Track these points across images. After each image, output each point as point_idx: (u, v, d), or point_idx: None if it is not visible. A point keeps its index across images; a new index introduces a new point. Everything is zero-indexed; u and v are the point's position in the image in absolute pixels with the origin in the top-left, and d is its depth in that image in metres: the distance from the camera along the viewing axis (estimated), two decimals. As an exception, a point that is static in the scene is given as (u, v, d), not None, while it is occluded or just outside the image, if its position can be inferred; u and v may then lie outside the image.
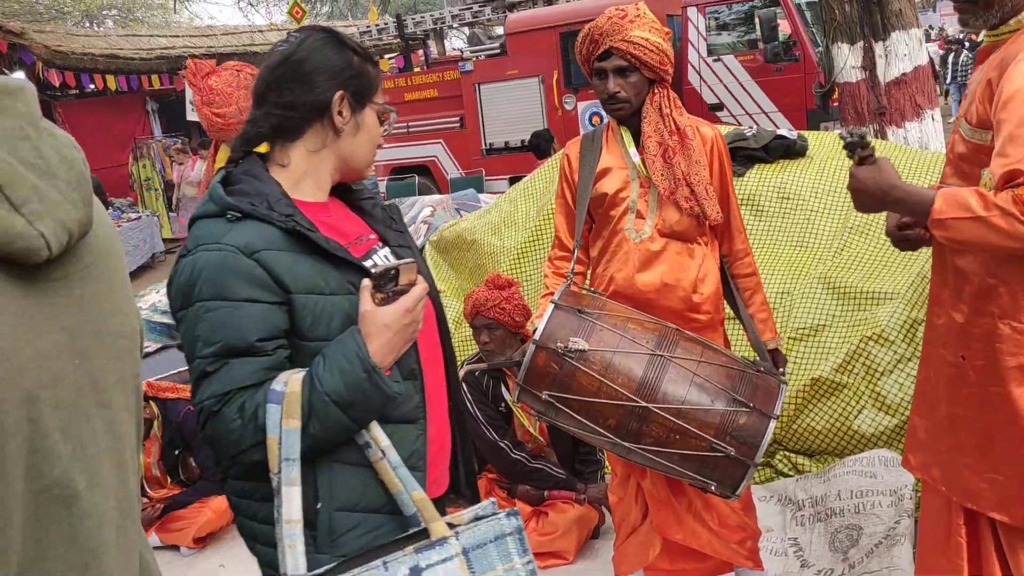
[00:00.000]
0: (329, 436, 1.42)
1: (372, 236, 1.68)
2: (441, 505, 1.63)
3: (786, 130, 4.69)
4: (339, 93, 1.55)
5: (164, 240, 12.20)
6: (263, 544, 1.51)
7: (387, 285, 1.45)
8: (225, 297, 1.40)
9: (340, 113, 1.56)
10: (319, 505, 1.44)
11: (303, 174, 1.58)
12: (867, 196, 1.85)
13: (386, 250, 1.67)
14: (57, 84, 12.38)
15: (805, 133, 4.67)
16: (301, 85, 1.54)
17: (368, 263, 1.57)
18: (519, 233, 4.72)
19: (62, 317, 0.80)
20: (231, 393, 1.40)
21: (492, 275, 3.54)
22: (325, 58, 1.56)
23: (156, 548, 3.73)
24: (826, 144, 4.51)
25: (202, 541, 3.74)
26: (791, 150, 4.41)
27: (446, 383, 1.74)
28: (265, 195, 1.49)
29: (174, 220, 12.46)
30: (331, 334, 1.46)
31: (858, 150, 1.85)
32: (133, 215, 11.02)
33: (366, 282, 1.47)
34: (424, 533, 1.44)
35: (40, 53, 11.67)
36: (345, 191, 1.71)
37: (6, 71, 11.64)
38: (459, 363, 3.45)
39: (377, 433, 1.47)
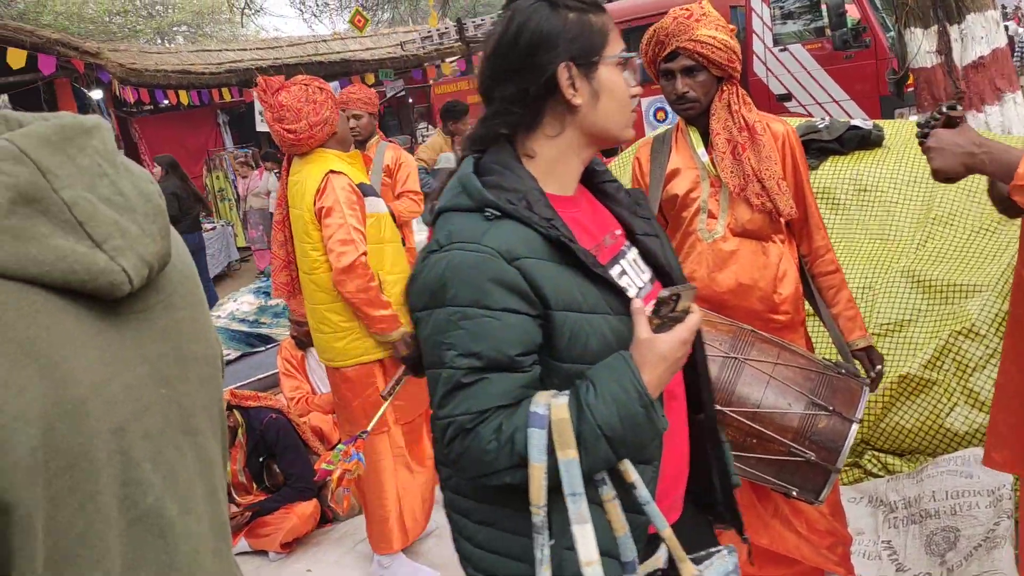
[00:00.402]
0: (591, 470, 1.30)
1: (619, 232, 1.52)
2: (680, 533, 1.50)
3: (860, 120, 4.56)
4: (561, 65, 1.36)
5: (238, 249, 12.50)
6: (475, 569, 1.43)
7: (663, 309, 1.32)
8: (485, 305, 1.28)
9: (571, 85, 1.37)
10: (551, 542, 1.32)
11: (551, 164, 1.42)
12: (949, 153, 1.76)
13: (634, 252, 1.52)
14: (132, 101, 12.79)
15: (881, 122, 4.53)
16: (521, 70, 1.37)
17: (615, 269, 1.44)
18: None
19: (146, 348, 0.81)
20: (489, 412, 1.29)
21: None
22: (537, 29, 1.36)
23: (245, 553, 3.83)
24: (903, 133, 4.37)
25: (289, 546, 3.81)
26: (866, 140, 4.28)
27: (699, 404, 1.59)
28: (523, 192, 1.35)
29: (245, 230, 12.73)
30: (585, 356, 1.33)
31: (942, 115, 1.78)
32: (208, 226, 11.30)
33: (641, 305, 1.35)
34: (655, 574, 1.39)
35: (116, 72, 12.06)
36: (587, 174, 1.53)
37: (84, 89, 12.07)
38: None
39: (627, 467, 1.34)
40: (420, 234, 6.78)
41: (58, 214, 0.71)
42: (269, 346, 6.18)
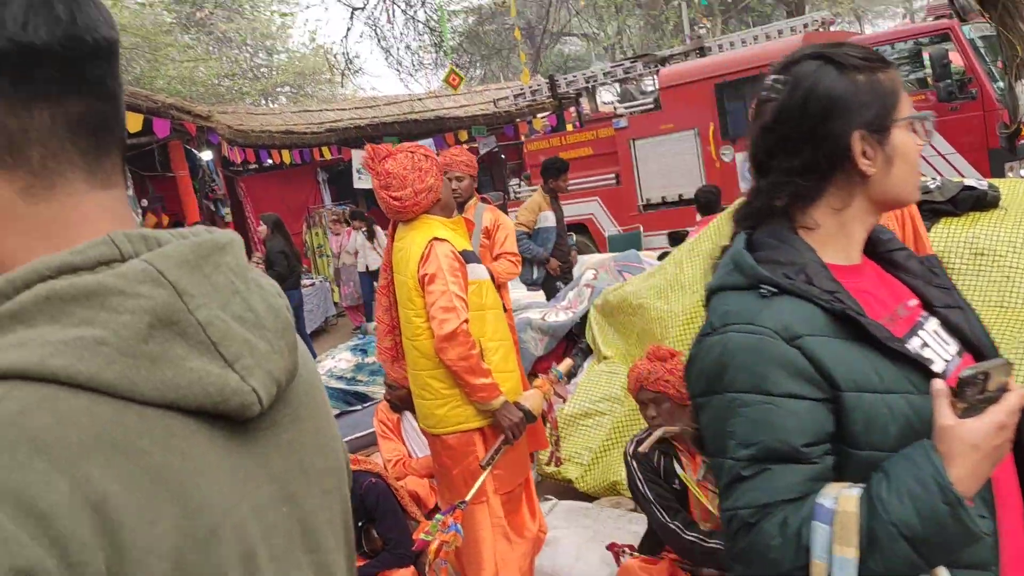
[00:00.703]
0: (890, 573, 1.14)
1: (914, 303, 1.37)
2: None
3: (974, 180, 4.39)
4: (856, 134, 1.26)
5: (335, 303, 12.78)
6: None
7: (969, 391, 1.15)
8: (764, 391, 1.19)
9: (864, 155, 1.27)
10: None
11: (832, 234, 1.32)
12: None
13: (934, 322, 1.36)
14: (239, 161, 13.35)
15: (996, 181, 4.35)
16: (809, 141, 1.28)
17: (914, 341, 1.29)
18: (687, 297, 4.62)
19: (272, 465, 0.79)
20: (772, 505, 1.18)
21: (653, 347, 3.50)
22: (826, 95, 1.26)
23: (343, 621, 3.81)
24: (1021, 192, 4.19)
25: (386, 614, 3.78)
26: (982, 201, 4.11)
27: None
28: (801, 265, 1.25)
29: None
30: (887, 442, 1.19)
31: None
32: (307, 281, 11.62)
33: (942, 387, 1.17)
34: None
35: (224, 133, 12.62)
36: (871, 242, 1.40)
37: (195, 151, 12.66)
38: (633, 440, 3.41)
39: None
40: (516, 291, 6.83)
41: (193, 335, 0.71)
42: (366, 405, 6.24)
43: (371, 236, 11.33)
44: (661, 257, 6.81)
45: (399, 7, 20.73)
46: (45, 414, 0.62)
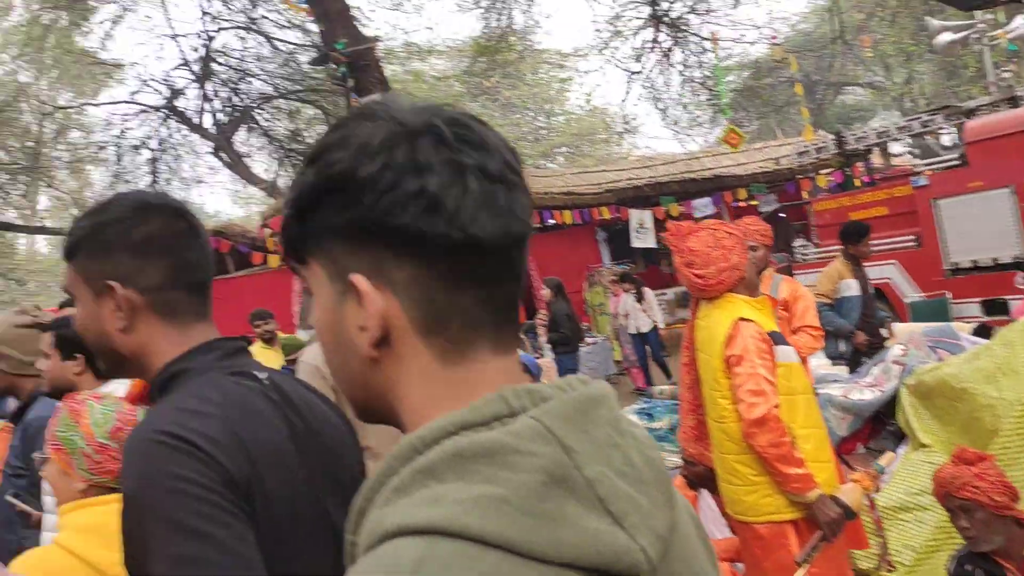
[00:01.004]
0: None
1: None
2: None
3: None
4: None
5: (616, 362, 12.90)
6: None
7: None
8: None
9: None
10: None
11: None
12: None
13: None
14: (524, 222, 13.99)
15: None
16: None
17: None
18: (1023, 384, 4.14)
19: None
20: None
21: (958, 448, 3.17)
22: None
23: None
24: None
25: None
26: None
27: None
28: None
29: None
30: None
31: None
32: (590, 339, 11.84)
33: None
34: None
35: (511, 196, 13.30)
36: None
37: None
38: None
39: None
40: (813, 360, 6.46)
41: (583, 493, 0.72)
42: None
43: (639, 298, 11.36)
44: (977, 331, 6.19)
45: (676, 69, 20.89)
46: (466, 572, 0.65)
